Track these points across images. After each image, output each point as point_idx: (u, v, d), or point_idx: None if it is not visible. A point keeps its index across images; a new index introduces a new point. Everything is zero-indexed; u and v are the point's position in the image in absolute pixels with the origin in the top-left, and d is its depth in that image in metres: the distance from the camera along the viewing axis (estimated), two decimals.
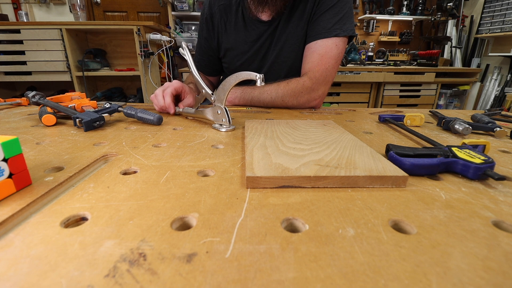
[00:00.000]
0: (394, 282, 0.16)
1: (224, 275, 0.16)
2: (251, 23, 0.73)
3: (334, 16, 0.65)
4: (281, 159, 0.30)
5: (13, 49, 1.84)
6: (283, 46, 0.73)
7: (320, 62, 0.67)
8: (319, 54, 0.67)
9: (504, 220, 0.22)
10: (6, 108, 0.67)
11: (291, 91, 0.66)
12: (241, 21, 0.73)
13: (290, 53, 0.74)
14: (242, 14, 0.73)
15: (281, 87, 0.66)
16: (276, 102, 0.66)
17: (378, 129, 0.51)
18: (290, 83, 0.66)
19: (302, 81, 0.67)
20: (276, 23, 0.71)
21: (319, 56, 0.67)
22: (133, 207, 0.23)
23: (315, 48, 0.68)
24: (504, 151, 0.40)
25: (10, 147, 0.24)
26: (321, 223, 0.21)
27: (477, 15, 2.72)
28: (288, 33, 0.71)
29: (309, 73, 0.68)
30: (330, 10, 0.65)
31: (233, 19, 0.74)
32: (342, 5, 0.66)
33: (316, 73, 0.67)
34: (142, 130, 0.47)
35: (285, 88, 0.66)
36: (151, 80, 2.02)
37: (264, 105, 0.67)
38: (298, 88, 0.66)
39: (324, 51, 0.66)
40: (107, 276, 0.16)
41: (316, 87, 0.67)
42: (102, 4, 2.62)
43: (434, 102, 2.56)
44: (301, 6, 0.68)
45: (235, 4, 0.74)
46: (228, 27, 0.75)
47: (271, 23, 0.71)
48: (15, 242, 0.19)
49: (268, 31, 0.72)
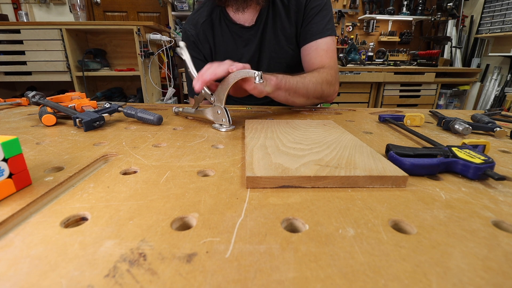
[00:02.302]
0: (394, 282, 0.16)
1: (224, 275, 0.16)
2: (237, 31, 0.75)
3: (323, 19, 0.71)
4: (281, 159, 0.30)
5: (13, 49, 1.83)
6: (275, 47, 0.75)
7: (327, 55, 0.71)
8: (323, 49, 0.71)
9: (504, 220, 0.22)
10: (6, 108, 0.67)
11: (326, 80, 0.66)
12: (227, 31, 0.76)
13: (284, 53, 0.76)
14: (226, 25, 0.75)
15: (316, 75, 0.65)
16: (317, 89, 0.64)
17: (378, 129, 0.51)
18: (321, 72, 0.67)
19: (327, 71, 0.68)
20: (261, 27, 0.73)
21: (324, 51, 0.71)
22: (133, 207, 0.23)
23: (318, 46, 0.71)
24: (504, 151, 0.40)
25: (10, 147, 0.24)
26: (321, 223, 0.21)
27: (477, 15, 2.72)
28: (277, 35, 0.74)
29: (325, 66, 0.71)
30: (320, 13, 0.71)
31: (219, 32, 0.76)
32: (327, 8, 0.73)
33: (332, 64, 0.71)
34: (142, 130, 0.47)
35: (321, 76, 0.65)
36: (151, 80, 2.02)
37: (306, 91, 0.62)
38: (328, 77, 0.67)
39: (327, 47, 0.71)
40: (107, 276, 0.16)
41: (336, 78, 0.71)
42: (102, 4, 2.62)
43: (434, 102, 2.56)
44: (283, 10, 0.72)
45: (217, 18, 0.76)
46: (217, 41, 0.77)
47: (256, 27, 0.74)
48: (15, 242, 0.19)
49: (256, 36, 0.75)
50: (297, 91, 0.60)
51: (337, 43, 2.89)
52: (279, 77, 0.55)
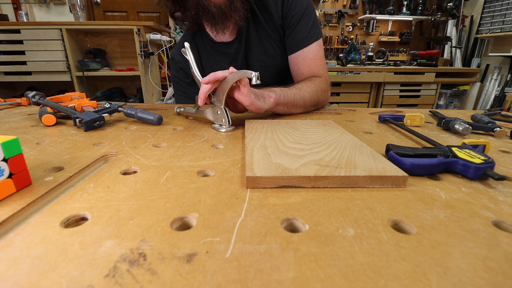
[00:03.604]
0: (394, 282, 0.16)
1: (224, 275, 0.16)
2: (220, 48, 0.76)
3: (306, 25, 0.70)
4: (281, 159, 0.30)
5: (13, 49, 1.84)
6: (262, 56, 0.75)
7: (315, 64, 0.72)
8: (310, 58, 0.72)
9: (504, 220, 0.22)
10: (6, 108, 0.67)
11: (320, 88, 0.67)
12: (211, 52, 0.77)
13: (273, 60, 0.76)
14: (210, 46, 0.77)
15: (311, 84, 0.66)
16: (313, 98, 0.65)
17: (378, 129, 0.51)
18: (314, 82, 0.67)
19: (319, 80, 0.69)
20: (243, 39, 0.74)
21: (312, 60, 0.72)
22: (133, 207, 0.23)
23: (304, 55, 0.72)
24: (504, 151, 0.40)
25: (10, 147, 0.24)
26: (321, 223, 0.21)
27: (477, 15, 2.72)
28: (262, 44, 0.74)
29: (316, 75, 0.71)
30: (302, 20, 0.70)
31: (205, 54, 0.78)
32: (309, 12, 0.71)
33: (322, 72, 0.72)
34: (142, 130, 0.47)
35: (315, 85, 0.66)
36: (151, 80, 2.02)
37: (303, 102, 0.63)
38: (322, 86, 0.68)
39: (314, 55, 0.72)
40: (107, 276, 0.16)
41: (328, 84, 0.72)
42: (102, 4, 2.62)
43: (434, 102, 2.56)
44: (264, 19, 0.72)
45: (200, 41, 0.78)
46: (204, 62, 0.79)
47: (238, 41, 0.74)
48: (15, 242, 0.19)
49: (240, 49, 0.75)
50: (295, 103, 0.60)
51: (336, 43, 2.90)
52: (277, 93, 0.55)
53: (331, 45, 2.90)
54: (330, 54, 2.91)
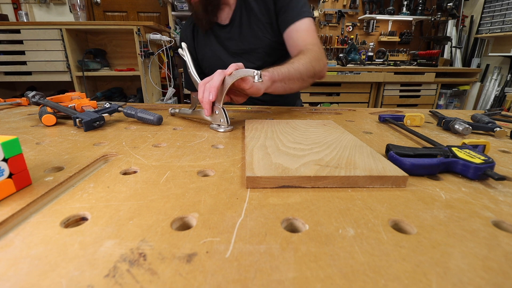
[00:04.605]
0: (394, 282, 0.16)
1: (224, 275, 0.16)
2: (216, 30, 0.84)
3: (297, 4, 0.76)
4: (281, 159, 0.30)
5: (13, 49, 1.83)
6: (253, 39, 0.83)
7: (309, 35, 0.75)
8: (303, 29, 0.75)
9: (504, 220, 0.22)
10: (6, 108, 0.67)
11: (314, 57, 0.68)
12: (208, 32, 0.85)
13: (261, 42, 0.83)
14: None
15: (303, 56, 0.67)
16: (309, 68, 0.66)
17: (378, 129, 0.51)
18: (307, 52, 0.69)
19: (311, 48, 0.71)
20: (237, 25, 0.82)
21: (305, 31, 0.75)
22: (133, 207, 0.23)
23: (298, 28, 0.76)
24: (504, 151, 0.40)
25: (10, 147, 0.24)
26: (321, 223, 0.21)
27: (477, 15, 2.72)
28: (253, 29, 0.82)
29: (308, 44, 0.73)
30: (291, 2, 0.76)
31: (201, 34, 0.86)
32: None
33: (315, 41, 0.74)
34: (142, 130, 0.47)
35: (308, 55, 0.68)
36: (151, 80, 2.02)
37: (299, 75, 0.64)
38: (315, 54, 0.69)
39: (306, 27, 0.75)
40: (107, 276, 0.16)
41: (322, 52, 0.74)
42: (102, 4, 2.62)
43: (434, 102, 2.56)
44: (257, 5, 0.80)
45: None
46: (199, 40, 0.87)
47: (231, 26, 0.82)
48: (15, 242, 0.19)
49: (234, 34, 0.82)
50: (291, 77, 0.60)
51: (336, 43, 2.89)
52: (270, 70, 0.56)
53: (331, 45, 2.90)
54: (330, 54, 2.91)
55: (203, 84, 0.47)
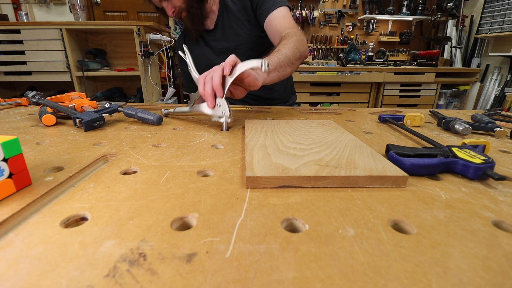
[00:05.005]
0: (394, 282, 0.16)
1: (224, 275, 0.16)
2: (204, 34, 0.91)
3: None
4: (281, 159, 0.30)
5: (13, 49, 1.83)
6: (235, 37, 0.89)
7: (285, 20, 0.80)
8: (280, 16, 0.80)
9: (504, 220, 0.22)
10: (6, 108, 0.67)
11: (296, 40, 0.70)
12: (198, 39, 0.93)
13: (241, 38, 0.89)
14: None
15: (286, 41, 0.69)
16: (295, 51, 0.68)
17: (378, 129, 0.51)
18: (288, 37, 0.71)
19: (290, 32, 0.74)
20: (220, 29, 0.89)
21: (282, 18, 0.80)
22: (133, 207, 0.23)
23: (275, 16, 0.80)
24: (504, 151, 0.40)
25: (10, 147, 0.24)
26: (321, 223, 0.21)
27: (477, 15, 2.72)
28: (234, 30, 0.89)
29: (287, 28, 0.77)
30: None
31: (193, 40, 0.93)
32: None
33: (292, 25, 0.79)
34: (142, 130, 0.47)
35: (290, 40, 0.70)
36: (151, 80, 2.02)
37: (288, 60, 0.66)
38: (296, 37, 0.72)
39: (282, 14, 0.80)
40: (107, 276, 0.16)
41: (301, 33, 0.77)
42: (102, 4, 2.62)
43: (434, 102, 2.56)
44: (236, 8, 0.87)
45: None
46: (191, 46, 0.94)
47: (215, 31, 0.89)
48: (15, 242, 0.19)
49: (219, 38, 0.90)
50: (282, 64, 0.63)
51: (336, 43, 2.90)
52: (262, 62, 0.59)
53: (331, 45, 2.90)
54: (330, 54, 2.91)
55: (203, 78, 0.47)
